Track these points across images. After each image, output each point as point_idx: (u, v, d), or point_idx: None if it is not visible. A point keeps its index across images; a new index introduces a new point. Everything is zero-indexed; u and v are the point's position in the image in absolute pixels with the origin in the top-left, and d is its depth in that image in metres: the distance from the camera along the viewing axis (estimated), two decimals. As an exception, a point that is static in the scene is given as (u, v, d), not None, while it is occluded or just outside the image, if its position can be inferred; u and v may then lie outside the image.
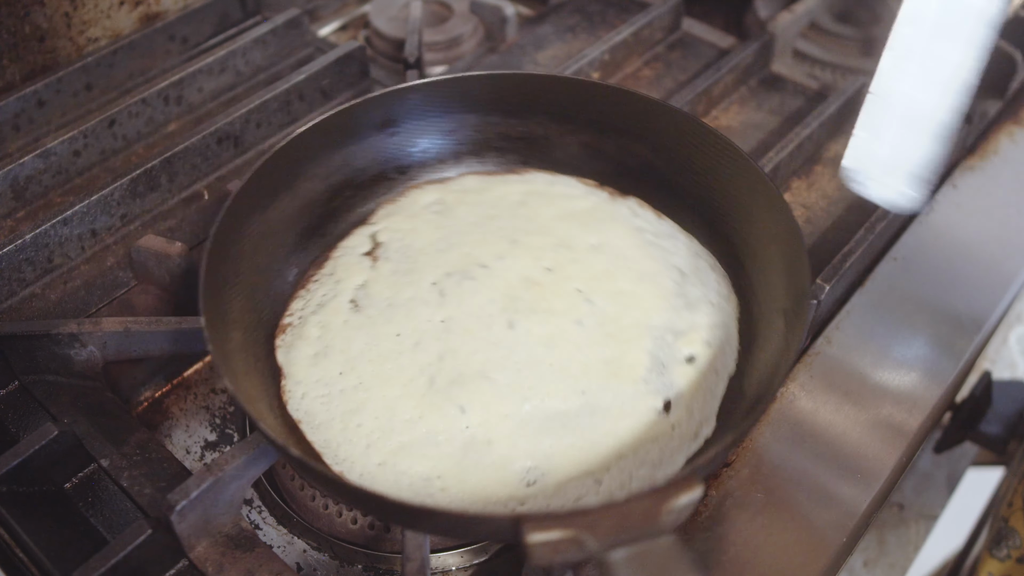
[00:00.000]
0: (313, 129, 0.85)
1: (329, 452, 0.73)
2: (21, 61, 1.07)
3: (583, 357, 0.77)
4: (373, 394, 0.75)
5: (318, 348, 0.79)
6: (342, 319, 0.81)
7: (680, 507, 0.55)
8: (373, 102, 0.88)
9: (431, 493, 0.70)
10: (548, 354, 0.77)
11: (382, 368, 0.77)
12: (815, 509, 0.75)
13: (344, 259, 0.86)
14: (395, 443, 0.73)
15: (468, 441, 0.72)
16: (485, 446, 0.72)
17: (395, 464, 0.71)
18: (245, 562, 0.67)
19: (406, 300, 0.81)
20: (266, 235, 0.83)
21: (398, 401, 0.75)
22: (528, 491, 0.70)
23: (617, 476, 0.71)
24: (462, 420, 0.73)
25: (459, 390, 0.75)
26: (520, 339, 0.78)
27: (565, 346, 0.77)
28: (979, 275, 0.94)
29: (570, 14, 1.29)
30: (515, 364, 0.76)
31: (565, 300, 0.81)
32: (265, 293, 0.82)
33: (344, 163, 0.89)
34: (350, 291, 0.83)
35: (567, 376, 0.76)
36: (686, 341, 0.78)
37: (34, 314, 0.88)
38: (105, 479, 0.74)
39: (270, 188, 0.83)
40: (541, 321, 0.79)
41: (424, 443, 0.72)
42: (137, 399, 0.86)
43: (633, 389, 0.75)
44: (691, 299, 0.81)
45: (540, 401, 0.74)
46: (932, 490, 1.09)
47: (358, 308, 0.81)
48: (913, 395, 0.83)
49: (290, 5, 1.23)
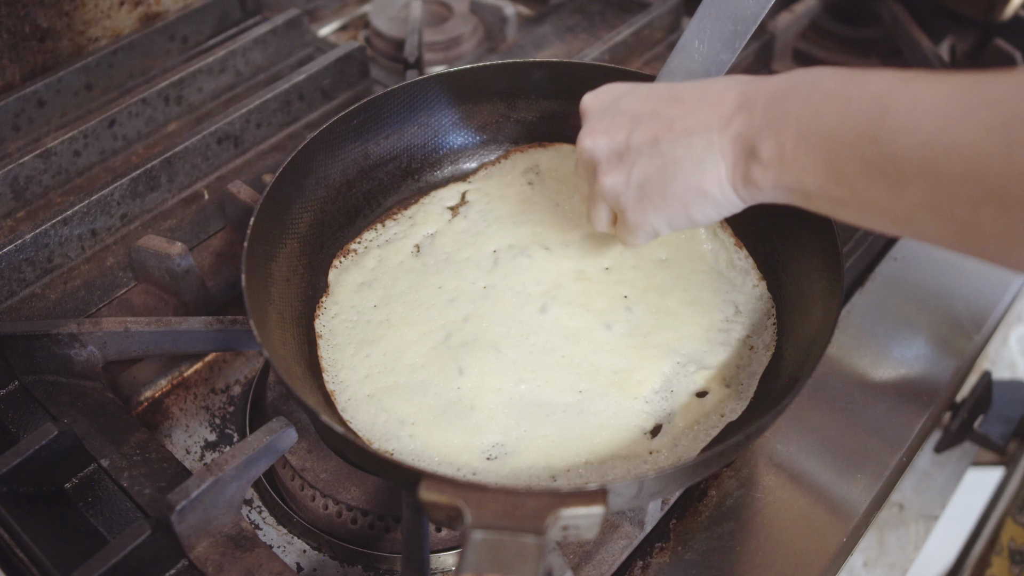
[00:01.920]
0: (444, 77, 0.91)
1: (331, 371, 0.78)
2: (21, 61, 1.07)
3: (597, 360, 0.77)
4: (392, 332, 0.80)
5: (367, 278, 0.85)
6: (400, 259, 0.86)
7: (574, 517, 0.55)
8: (498, 69, 0.92)
9: (399, 435, 0.73)
10: (565, 346, 0.78)
11: (411, 313, 0.81)
12: (815, 509, 0.75)
13: (429, 207, 0.91)
14: (390, 381, 0.76)
15: (453, 401, 0.75)
16: (466, 410, 0.74)
17: (381, 400, 0.75)
18: (245, 562, 0.67)
19: (463, 259, 0.85)
20: (362, 165, 0.90)
21: (410, 346, 0.79)
22: (485, 464, 0.71)
23: (574, 479, 0.71)
24: (457, 380, 0.76)
25: (466, 353, 0.77)
26: (546, 325, 0.79)
27: (585, 345, 0.78)
28: (979, 275, 0.94)
29: (570, 14, 1.29)
30: (530, 346, 0.78)
31: (607, 302, 0.81)
32: (336, 216, 0.88)
33: (462, 119, 0.94)
34: (419, 236, 0.88)
35: (573, 372, 0.76)
36: (705, 376, 0.76)
37: (34, 314, 0.88)
38: (105, 479, 0.74)
39: (385, 118, 0.90)
40: (573, 315, 0.79)
41: (414, 390, 0.75)
42: (137, 399, 0.86)
43: (630, 405, 0.75)
44: (732, 338, 0.79)
45: (536, 386, 0.75)
46: (932, 490, 1.09)
47: (418, 254, 0.87)
48: (913, 395, 0.83)
49: (290, 5, 1.23)
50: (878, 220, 0.59)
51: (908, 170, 0.54)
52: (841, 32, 1.24)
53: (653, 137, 0.67)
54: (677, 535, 0.74)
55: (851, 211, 0.60)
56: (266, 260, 0.78)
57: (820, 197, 0.60)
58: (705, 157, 0.65)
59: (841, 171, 0.57)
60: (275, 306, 0.77)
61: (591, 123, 0.73)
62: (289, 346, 0.77)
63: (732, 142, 0.64)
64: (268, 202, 0.78)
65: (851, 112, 0.57)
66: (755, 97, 0.63)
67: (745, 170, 0.63)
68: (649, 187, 0.69)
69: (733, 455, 0.77)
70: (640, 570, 0.72)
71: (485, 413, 0.74)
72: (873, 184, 0.56)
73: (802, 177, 0.60)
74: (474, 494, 0.56)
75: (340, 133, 0.87)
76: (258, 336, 0.68)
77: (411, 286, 0.83)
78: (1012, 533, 1.04)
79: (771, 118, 0.61)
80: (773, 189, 0.63)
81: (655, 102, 0.69)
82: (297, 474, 0.76)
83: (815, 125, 0.58)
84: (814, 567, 0.72)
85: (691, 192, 0.67)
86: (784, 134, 0.60)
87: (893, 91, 0.55)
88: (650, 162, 0.68)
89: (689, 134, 0.66)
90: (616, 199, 0.72)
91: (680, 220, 0.70)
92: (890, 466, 0.78)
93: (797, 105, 0.60)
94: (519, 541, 0.53)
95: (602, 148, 0.71)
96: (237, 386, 0.88)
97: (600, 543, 0.73)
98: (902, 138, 0.54)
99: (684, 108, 0.67)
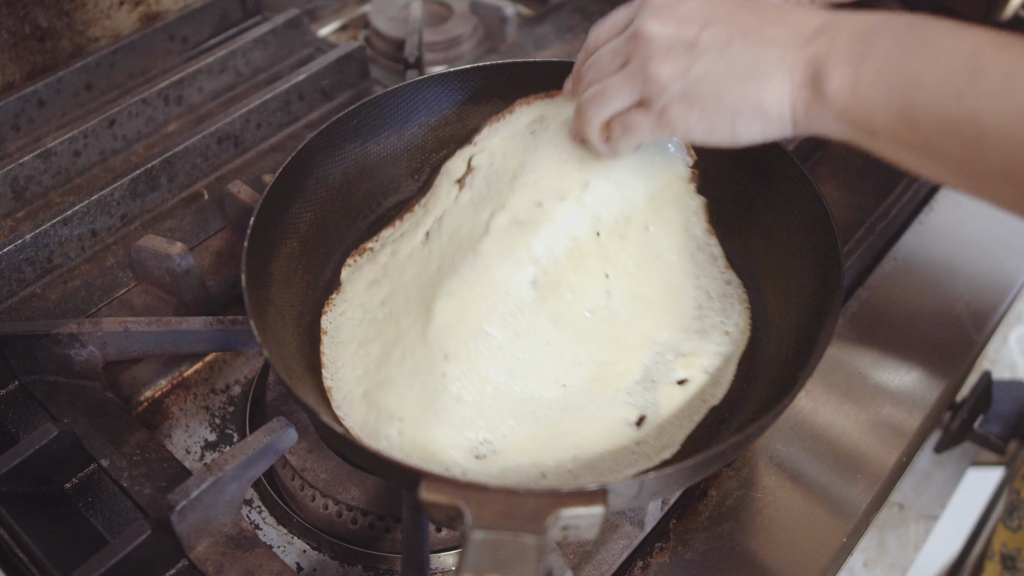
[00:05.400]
0: (444, 76, 0.91)
1: (331, 367, 0.77)
2: (21, 61, 1.07)
3: (579, 350, 0.76)
4: (391, 325, 0.78)
5: (378, 275, 0.83)
6: (410, 250, 0.83)
7: (574, 518, 0.55)
8: (498, 69, 0.91)
9: (388, 433, 0.71)
10: (550, 332, 0.76)
11: (410, 301, 0.78)
12: (815, 509, 0.75)
13: (440, 187, 0.88)
14: (384, 375, 0.74)
15: (439, 389, 0.72)
16: (453, 401, 0.72)
17: (373, 396, 0.74)
18: (245, 562, 0.67)
19: (464, 234, 0.81)
20: (362, 165, 0.90)
21: (403, 335, 0.76)
22: (474, 464, 0.70)
23: (563, 475, 0.70)
24: (442, 366, 0.72)
25: (450, 337, 0.73)
26: (534, 304, 0.76)
27: (568, 332, 0.76)
28: (979, 275, 0.94)
29: (570, 14, 1.29)
30: (516, 327, 0.75)
31: (590, 283, 0.78)
32: (336, 216, 0.88)
33: (462, 118, 0.93)
34: (430, 222, 0.84)
35: (557, 363, 0.75)
36: (684, 363, 0.76)
37: (34, 314, 0.88)
38: (105, 479, 0.74)
39: (385, 118, 0.90)
40: (558, 297, 0.77)
41: (403, 381, 0.73)
42: (137, 399, 0.86)
43: (613, 397, 0.74)
44: (706, 324, 0.79)
45: (522, 379, 0.74)
46: (932, 490, 1.09)
47: (428, 240, 0.83)
48: (913, 395, 0.83)
49: (290, 5, 1.23)
50: (944, 174, 0.57)
51: (990, 134, 0.52)
52: (841, 32, 1.24)
53: (727, 37, 0.63)
54: (677, 535, 0.74)
55: (916, 158, 0.57)
56: (266, 260, 0.78)
57: (886, 138, 0.58)
58: (774, 71, 0.62)
59: (915, 118, 0.55)
60: (275, 306, 0.77)
61: (658, 8, 0.67)
62: (289, 346, 0.77)
63: (807, 62, 0.60)
64: (268, 202, 0.78)
65: (940, 62, 0.54)
66: (840, 26, 0.60)
67: (812, 93, 0.60)
68: (706, 86, 0.64)
69: (733, 455, 0.77)
70: (640, 570, 0.72)
71: (471, 407, 0.72)
72: (948, 139, 0.54)
73: (872, 114, 0.57)
74: (474, 494, 0.56)
75: (340, 133, 0.87)
76: (258, 336, 0.68)
77: (416, 274, 0.81)
78: (1003, 538, 1.04)
79: (854, 48, 0.58)
80: (835, 120, 0.60)
81: (732, 8, 0.65)
82: (297, 474, 0.76)
83: (899, 65, 0.56)
84: (814, 567, 0.72)
85: (748, 103, 0.63)
86: (865, 67, 0.57)
87: (989, 52, 0.53)
88: (716, 62, 0.64)
89: (764, 43, 0.62)
90: (663, 90, 0.66)
91: (722, 131, 0.66)
92: (890, 466, 0.78)
93: (886, 41, 0.57)
94: (519, 541, 0.53)
95: (668, 35, 0.66)
96: (237, 386, 0.88)
97: (600, 543, 0.73)
98: (990, 102, 0.52)
99: (763, 20, 0.64)
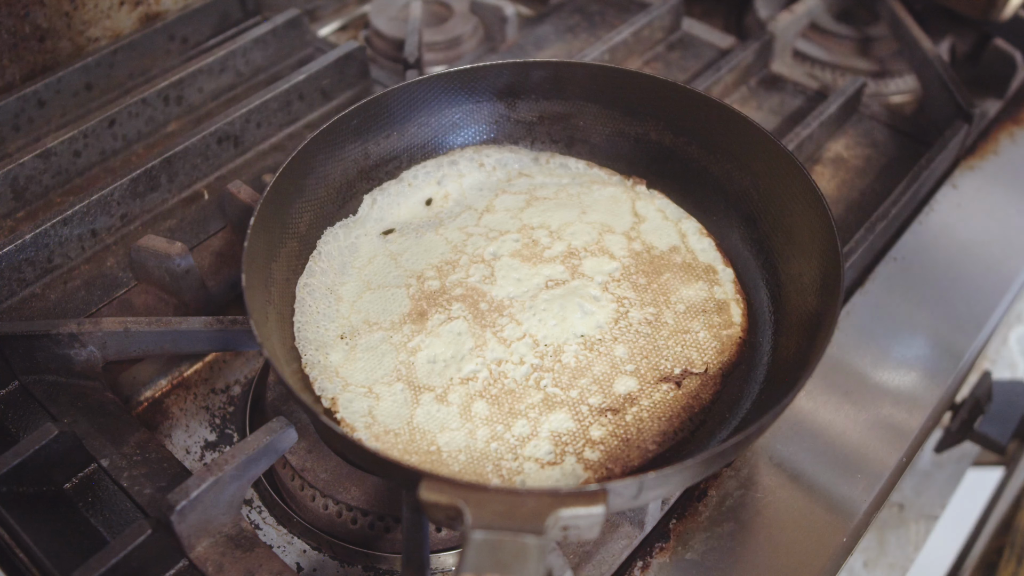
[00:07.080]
0: (444, 76, 0.92)
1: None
2: (21, 61, 1.07)
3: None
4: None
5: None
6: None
7: (574, 518, 0.55)
8: (498, 69, 0.93)
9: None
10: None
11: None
12: (815, 509, 0.75)
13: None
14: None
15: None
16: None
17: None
18: (245, 562, 0.67)
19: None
20: (362, 165, 0.91)
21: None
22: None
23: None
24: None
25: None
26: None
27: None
28: (979, 275, 0.94)
29: (570, 14, 1.29)
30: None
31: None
32: (336, 216, 0.89)
33: (462, 119, 0.95)
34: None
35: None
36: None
37: (34, 314, 0.88)
38: (105, 479, 0.74)
39: (385, 118, 0.91)
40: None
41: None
42: (137, 399, 0.86)
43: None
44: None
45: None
46: (932, 490, 1.09)
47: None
48: (913, 395, 0.83)
49: (290, 5, 1.23)
50: None
51: None
52: (841, 32, 1.24)
53: None
54: (677, 535, 0.74)
55: None
56: (266, 260, 0.78)
57: None
58: None
59: None
60: (275, 306, 0.77)
61: None
62: (289, 346, 0.77)
63: None
64: (268, 202, 0.78)
65: None
66: None
67: None
68: None
69: (733, 455, 0.77)
70: (640, 570, 0.72)
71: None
72: None
73: None
74: (474, 494, 0.56)
75: (340, 133, 0.87)
76: (258, 336, 0.68)
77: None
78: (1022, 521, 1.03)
79: None
80: None
81: None
82: (297, 474, 0.76)
83: None
84: (814, 567, 0.72)
85: None
86: None
87: None
88: None
89: None
90: None
91: None
92: (890, 466, 0.78)
93: None
94: (519, 541, 0.53)
95: None
96: (237, 386, 0.88)
97: (600, 543, 0.73)
98: None
99: None
